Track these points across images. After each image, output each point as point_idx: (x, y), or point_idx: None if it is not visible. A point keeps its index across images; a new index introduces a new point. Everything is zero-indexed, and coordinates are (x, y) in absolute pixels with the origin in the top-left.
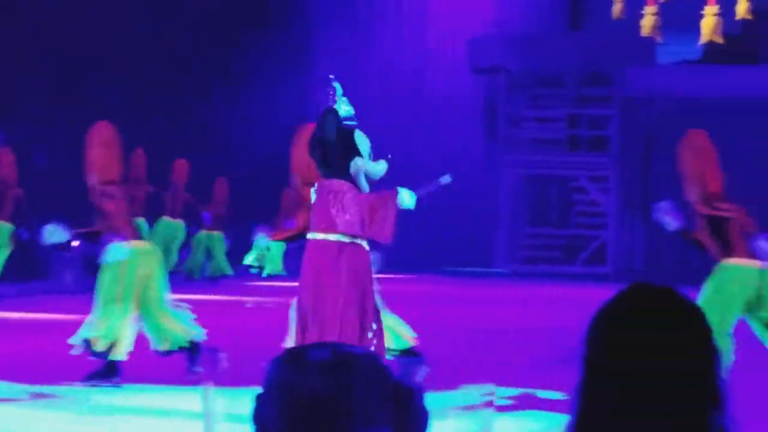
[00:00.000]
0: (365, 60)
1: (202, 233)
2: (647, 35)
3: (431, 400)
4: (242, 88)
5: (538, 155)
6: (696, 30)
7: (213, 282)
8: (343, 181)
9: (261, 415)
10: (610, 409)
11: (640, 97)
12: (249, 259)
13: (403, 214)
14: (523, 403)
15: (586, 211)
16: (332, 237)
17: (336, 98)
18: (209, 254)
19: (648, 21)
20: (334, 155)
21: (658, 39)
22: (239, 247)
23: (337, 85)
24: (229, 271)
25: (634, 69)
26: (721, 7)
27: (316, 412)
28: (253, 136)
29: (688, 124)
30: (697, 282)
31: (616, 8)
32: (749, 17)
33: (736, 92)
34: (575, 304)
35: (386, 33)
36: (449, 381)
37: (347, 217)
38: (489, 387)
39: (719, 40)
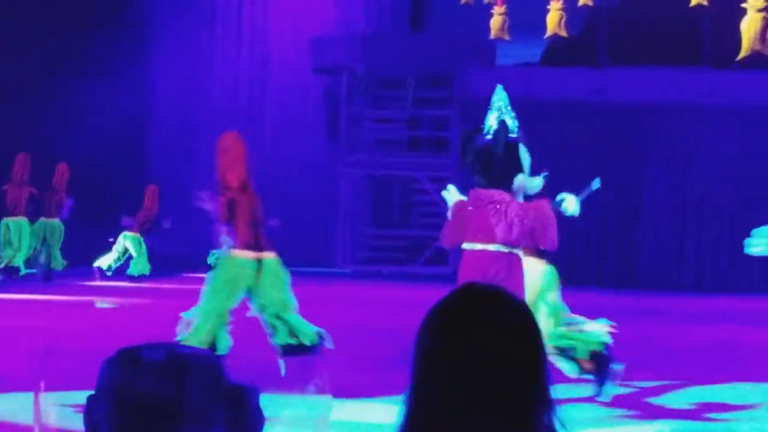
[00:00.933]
0: (206, 55)
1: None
2: (496, 36)
3: (267, 401)
4: (79, 80)
5: (380, 156)
6: (536, 31)
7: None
8: (504, 192)
9: (93, 416)
10: (438, 407)
11: (480, 98)
12: (106, 259)
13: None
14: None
15: (427, 211)
16: (491, 247)
17: (504, 110)
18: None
19: (496, 22)
20: (500, 167)
21: (507, 39)
22: (86, 241)
23: (504, 96)
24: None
25: (474, 70)
26: (564, 3)
27: (148, 412)
28: (92, 128)
29: (527, 125)
30: None
31: None
32: (589, 3)
33: (576, 94)
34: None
35: (228, 29)
36: (288, 382)
37: (508, 227)
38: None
39: (563, 33)
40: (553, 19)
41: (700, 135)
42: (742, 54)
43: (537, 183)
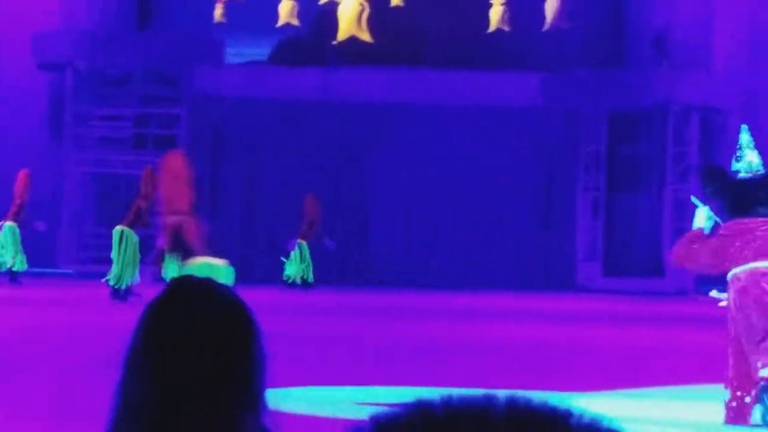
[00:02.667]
0: None
1: None
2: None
3: None
4: None
5: (106, 154)
6: (265, 31)
7: None
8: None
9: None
10: (144, 402)
11: (208, 96)
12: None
13: None
14: None
15: (154, 210)
16: None
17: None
18: None
19: (218, 13)
20: None
21: (224, 39)
22: None
23: (747, 135)
24: None
25: (202, 69)
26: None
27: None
28: None
29: (254, 123)
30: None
31: None
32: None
33: (305, 93)
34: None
35: None
36: None
37: None
38: None
39: (295, 22)
40: (285, 9)
41: (425, 133)
42: (341, 38)
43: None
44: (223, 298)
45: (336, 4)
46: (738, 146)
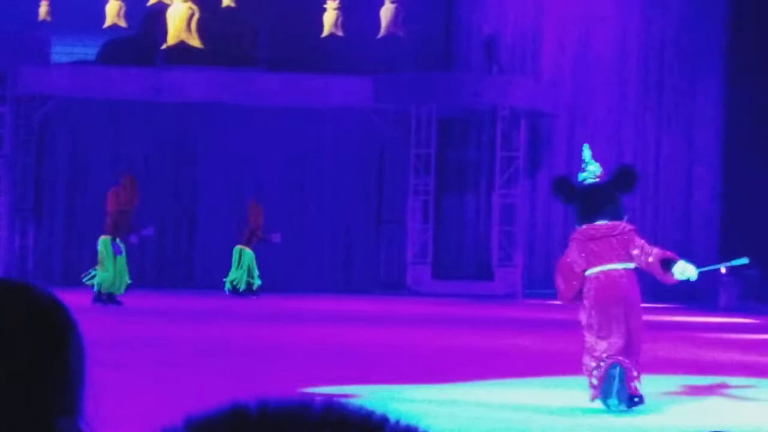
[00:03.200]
0: None
1: None
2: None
3: None
4: None
5: None
6: (92, 31)
7: None
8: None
9: None
10: None
11: (33, 96)
12: None
13: None
14: None
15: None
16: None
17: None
18: None
19: (43, 11)
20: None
21: (51, 37)
22: None
23: (588, 150)
24: None
25: (28, 68)
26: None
27: None
28: None
29: (83, 124)
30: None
31: None
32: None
33: (133, 94)
34: None
35: None
36: None
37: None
38: None
39: (123, 23)
40: (112, 10)
41: (255, 135)
42: (170, 42)
43: None
44: (32, 300)
45: (165, 6)
46: (582, 161)
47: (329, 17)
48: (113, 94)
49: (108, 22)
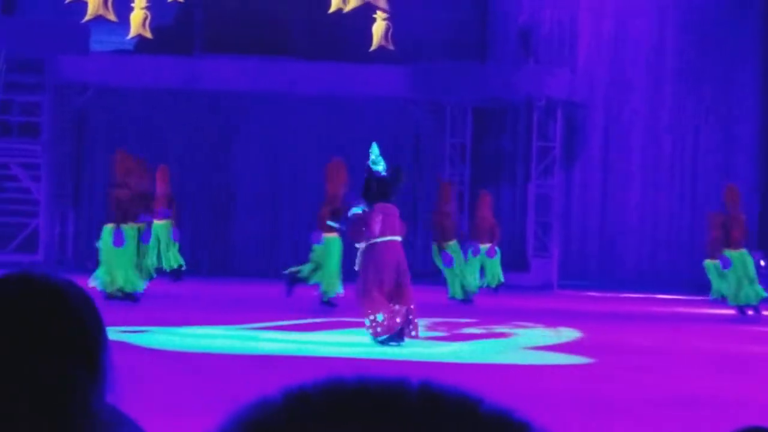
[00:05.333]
0: None
1: None
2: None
3: None
4: None
5: None
6: (128, 20)
7: None
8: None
9: None
10: None
11: (73, 84)
12: None
13: None
14: None
15: (18, 198)
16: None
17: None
18: None
19: (93, 7)
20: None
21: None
22: None
23: (377, 149)
24: None
25: (67, 56)
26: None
27: None
28: None
29: (120, 112)
30: None
31: None
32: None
33: (170, 82)
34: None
35: None
36: None
37: None
38: None
39: (148, 35)
40: (137, 19)
41: (290, 123)
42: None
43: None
44: (42, 289)
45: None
46: (373, 155)
47: (378, 28)
48: (150, 82)
49: (133, 33)
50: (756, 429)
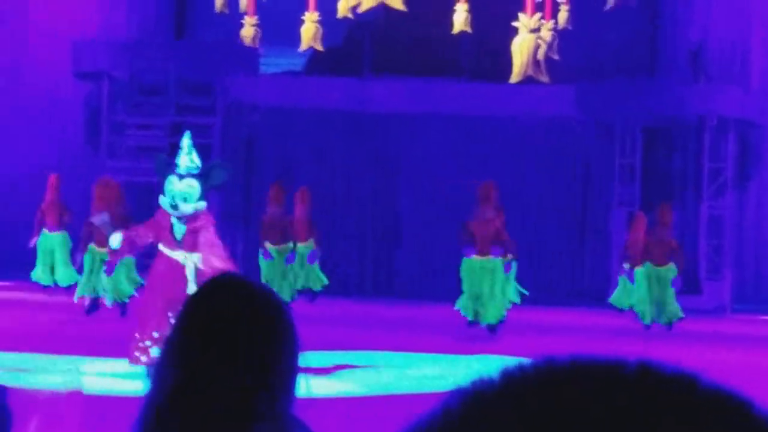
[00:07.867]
0: None
1: None
2: (249, 45)
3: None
4: None
5: (141, 163)
6: (297, 41)
7: None
8: None
9: None
10: (174, 385)
11: (243, 106)
12: None
13: None
14: None
15: None
16: None
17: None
18: None
19: (248, 31)
20: None
21: (259, 49)
22: None
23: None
24: None
25: (237, 78)
26: (321, 15)
27: None
28: None
29: (290, 133)
30: None
31: (219, 2)
32: (350, 16)
33: (339, 104)
34: None
35: None
36: None
37: None
38: None
39: (319, 47)
40: (308, 32)
41: (457, 144)
42: (515, 78)
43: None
44: (256, 293)
45: (371, 18)
46: (183, 148)
47: (542, 51)
48: (320, 103)
49: (304, 46)
50: None
